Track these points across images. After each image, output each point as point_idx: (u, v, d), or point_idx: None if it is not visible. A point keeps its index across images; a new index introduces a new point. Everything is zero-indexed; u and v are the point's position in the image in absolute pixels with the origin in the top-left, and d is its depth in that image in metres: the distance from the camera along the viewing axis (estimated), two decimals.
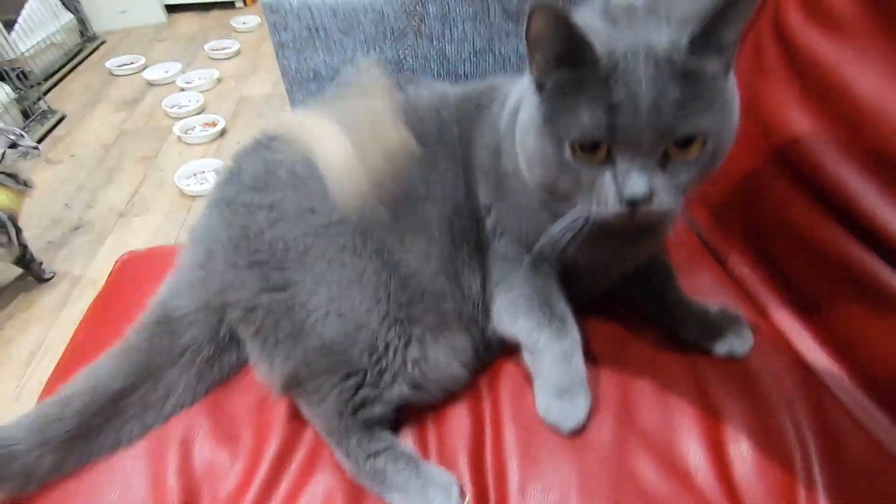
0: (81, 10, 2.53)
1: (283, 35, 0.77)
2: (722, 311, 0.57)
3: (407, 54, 0.77)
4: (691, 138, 0.38)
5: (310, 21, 0.76)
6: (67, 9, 2.45)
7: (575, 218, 0.42)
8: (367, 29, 0.78)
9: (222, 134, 1.90)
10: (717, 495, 0.46)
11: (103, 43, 2.62)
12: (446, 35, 0.71)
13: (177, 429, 0.53)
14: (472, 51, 0.72)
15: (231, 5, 2.89)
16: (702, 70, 0.37)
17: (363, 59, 0.78)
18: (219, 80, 2.22)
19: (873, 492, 0.46)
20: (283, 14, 0.77)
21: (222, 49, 2.43)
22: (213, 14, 2.86)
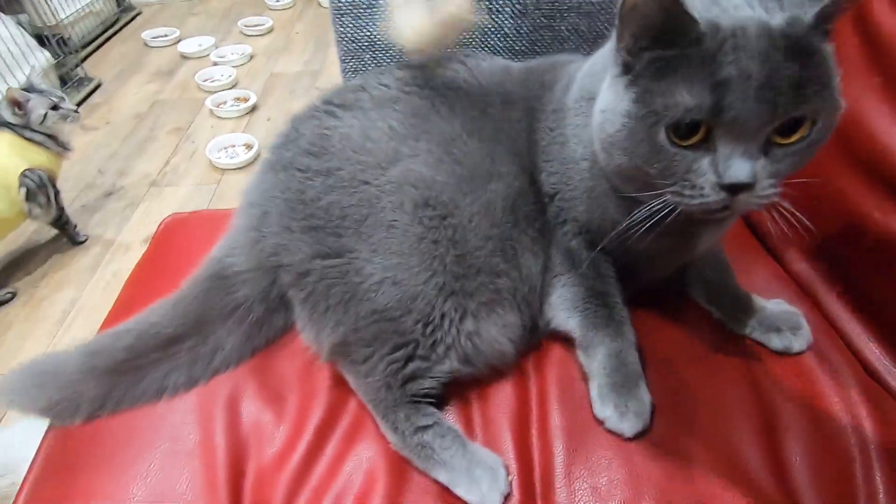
0: None
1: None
2: (779, 305, 0.56)
3: None
4: (800, 121, 0.36)
5: None
6: None
7: (658, 207, 0.40)
8: None
9: (253, 109, 1.91)
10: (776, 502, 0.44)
11: (139, 14, 2.64)
12: (507, 9, 0.69)
13: (224, 388, 0.53)
14: (532, 26, 0.69)
15: None
16: (819, 48, 0.36)
17: None
18: (251, 57, 2.23)
19: None
20: None
21: (255, 25, 2.43)
22: None
